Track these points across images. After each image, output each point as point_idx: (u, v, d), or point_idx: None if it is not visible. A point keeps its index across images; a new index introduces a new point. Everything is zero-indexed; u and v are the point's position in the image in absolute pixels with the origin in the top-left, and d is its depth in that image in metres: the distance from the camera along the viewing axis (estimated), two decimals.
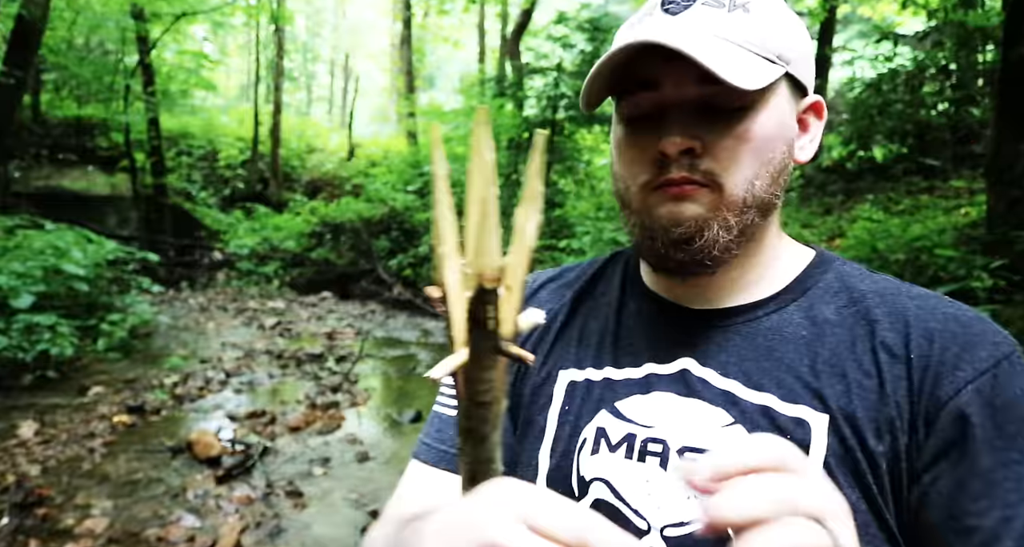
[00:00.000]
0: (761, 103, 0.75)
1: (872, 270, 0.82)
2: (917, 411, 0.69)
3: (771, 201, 0.78)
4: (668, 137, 0.74)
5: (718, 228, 0.75)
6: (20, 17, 8.76)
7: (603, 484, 0.78)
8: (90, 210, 13.25)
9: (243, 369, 7.53)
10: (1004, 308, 4.54)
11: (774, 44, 0.76)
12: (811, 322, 0.77)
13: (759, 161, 0.76)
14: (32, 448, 4.91)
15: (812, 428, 0.70)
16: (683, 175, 0.75)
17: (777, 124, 0.77)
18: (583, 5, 11.78)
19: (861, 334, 0.74)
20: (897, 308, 0.75)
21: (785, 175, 0.80)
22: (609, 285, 0.93)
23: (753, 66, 0.73)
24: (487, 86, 15.01)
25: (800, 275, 0.82)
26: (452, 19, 22.69)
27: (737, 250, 0.77)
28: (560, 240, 9.79)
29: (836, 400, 0.71)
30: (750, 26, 0.75)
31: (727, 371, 0.77)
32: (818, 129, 0.84)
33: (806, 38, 0.81)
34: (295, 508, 4.25)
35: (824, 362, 0.74)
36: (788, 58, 0.77)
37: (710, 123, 0.75)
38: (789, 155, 0.80)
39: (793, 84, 0.79)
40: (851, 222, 7.41)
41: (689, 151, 0.75)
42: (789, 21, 0.79)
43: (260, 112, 19.30)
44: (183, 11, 13.58)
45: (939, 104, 9.08)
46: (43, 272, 6.94)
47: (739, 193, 0.75)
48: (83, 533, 3.77)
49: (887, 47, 9.63)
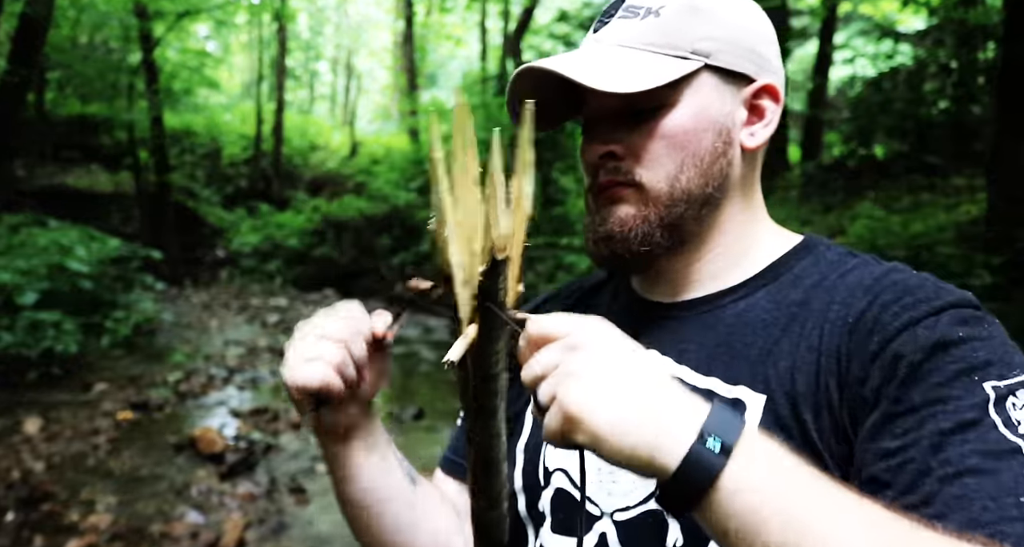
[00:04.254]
0: (677, 100, 0.78)
1: (857, 253, 0.82)
2: (849, 370, 0.68)
3: (703, 193, 0.80)
4: (588, 145, 0.83)
5: (637, 223, 0.80)
6: (25, 16, 8.79)
7: (563, 474, 0.84)
8: (94, 208, 13.26)
9: (246, 366, 7.56)
10: (1004, 305, 4.55)
11: (686, 40, 0.78)
12: (776, 306, 0.78)
13: (681, 156, 0.79)
14: (37, 444, 4.94)
15: (748, 407, 0.73)
16: (608, 179, 0.81)
17: (696, 117, 0.79)
18: (584, 3, 11.79)
19: (817, 311, 0.75)
20: (852, 281, 0.75)
21: (722, 165, 0.80)
22: (606, 290, 0.98)
23: (651, 68, 0.76)
24: (489, 84, 15.01)
25: (776, 261, 0.83)
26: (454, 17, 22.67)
27: (667, 243, 0.80)
28: (561, 237, 9.80)
29: (778, 380, 0.73)
30: (657, 29, 0.78)
31: (681, 358, 0.81)
32: (774, 113, 0.83)
33: (744, 25, 0.81)
34: (298, 504, 4.28)
35: (776, 343, 0.75)
36: (706, 50, 0.78)
37: (629, 126, 0.80)
38: (724, 143, 0.81)
39: (725, 73, 0.80)
40: (852, 219, 7.41)
41: (611, 155, 0.81)
42: (716, 14, 0.79)
43: (263, 110, 19.31)
44: (186, 9, 13.56)
45: (940, 102, 9.08)
46: (47, 270, 6.98)
47: (662, 188, 0.79)
48: (87, 529, 3.80)
49: (888, 45, 9.63)
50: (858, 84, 9.97)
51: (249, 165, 18.87)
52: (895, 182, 8.55)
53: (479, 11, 18.79)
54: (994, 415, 0.61)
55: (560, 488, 0.84)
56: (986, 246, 5.17)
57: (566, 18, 11.75)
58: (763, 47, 0.83)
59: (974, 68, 8.80)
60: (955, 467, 0.60)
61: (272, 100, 20.63)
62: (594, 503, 0.80)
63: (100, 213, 13.22)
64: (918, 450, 0.62)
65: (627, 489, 0.78)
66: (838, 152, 9.89)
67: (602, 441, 0.55)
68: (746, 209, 0.86)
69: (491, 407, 0.69)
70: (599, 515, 0.79)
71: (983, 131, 8.19)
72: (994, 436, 0.60)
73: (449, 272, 0.62)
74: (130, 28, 13.93)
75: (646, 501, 0.76)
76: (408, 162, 16.94)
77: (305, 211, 16.55)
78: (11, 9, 9.25)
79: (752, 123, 0.83)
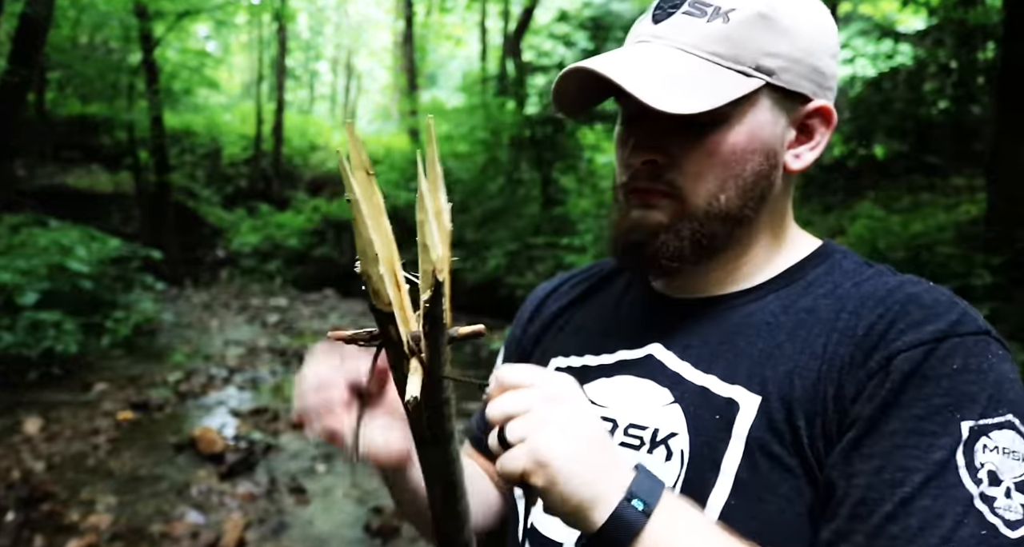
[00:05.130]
0: (733, 117, 0.75)
1: (873, 263, 0.80)
2: (848, 382, 0.68)
3: (740, 213, 0.78)
4: (634, 149, 0.79)
5: (668, 237, 0.78)
6: (25, 16, 8.79)
7: None
8: (94, 208, 13.27)
9: (246, 366, 7.56)
10: (1004, 305, 4.55)
11: (752, 54, 0.74)
12: (784, 311, 0.78)
13: (725, 175, 0.76)
14: (37, 444, 4.94)
15: (741, 408, 0.73)
16: (646, 185, 0.79)
17: (749, 137, 0.76)
18: (585, 3, 11.79)
19: (825, 320, 0.74)
20: (866, 292, 0.74)
21: (763, 187, 0.78)
22: (619, 280, 0.98)
23: (712, 82, 0.72)
24: (489, 84, 15.01)
25: (792, 267, 0.82)
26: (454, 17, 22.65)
27: (694, 258, 0.79)
28: (562, 237, 9.80)
29: (776, 383, 0.72)
30: (723, 36, 0.74)
31: (684, 354, 0.81)
32: (823, 136, 0.80)
33: (813, 40, 0.77)
34: (298, 504, 4.28)
35: (779, 347, 0.74)
36: (770, 68, 0.74)
37: (678, 135, 0.76)
38: (771, 166, 0.78)
39: (784, 93, 0.77)
40: (852, 220, 7.41)
41: (652, 162, 0.78)
42: (786, 26, 0.75)
43: (263, 110, 19.32)
44: (186, 9, 13.57)
45: (939, 102, 9.07)
46: (48, 270, 6.98)
47: (701, 205, 0.77)
48: (87, 529, 3.80)
49: (888, 45, 9.62)
50: (858, 84, 9.96)
51: (249, 165, 18.87)
52: (895, 182, 8.55)
53: (479, 11, 18.78)
54: (960, 458, 0.62)
55: None
56: (986, 246, 5.16)
57: (566, 18, 11.73)
58: (825, 63, 0.79)
59: (974, 68, 8.79)
60: (904, 508, 0.61)
61: (272, 100, 20.63)
62: None
63: (100, 213, 13.24)
64: (879, 480, 0.63)
65: None
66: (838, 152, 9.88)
67: (555, 487, 0.62)
68: (777, 225, 0.84)
69: (447, 433, 0.69)
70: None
71: (983, 131, 8.19)
72: (952, 480, 0.61)
73: (389, 310, 0.61)
74: (130, 28, 13.93)
75: None
76: (408, 162, 16.92)
77: (305, 211, 16.56)
78: (11, 9, 9.25)
79: (800, 144, 0.80)
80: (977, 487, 0.61)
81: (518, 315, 1.07)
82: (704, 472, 0.72)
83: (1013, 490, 0.61)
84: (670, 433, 0.76)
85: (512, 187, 12.79)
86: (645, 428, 0.79)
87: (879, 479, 0.63)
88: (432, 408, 0.66)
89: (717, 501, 0.71)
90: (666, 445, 0.76)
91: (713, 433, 0.73)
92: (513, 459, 0.63)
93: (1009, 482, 0.62)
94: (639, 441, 0.79)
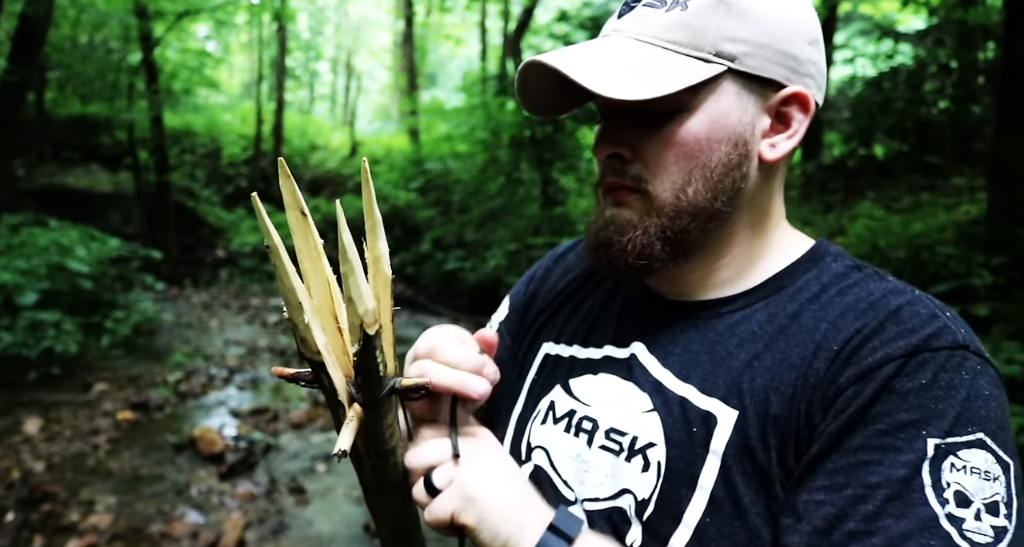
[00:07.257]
0: (693, 104, 0.72)
1: (864, 266, 0.78)
2: (820, 398, 0.67)
3: (711, 207, 0.75)
4: (599, 143, 0.78)
5: (636, 234, 0.76)
6: (25, 15, 8.79)
7: (543, 452, 0.85)
8: (94, 208, 13.26)
9: (246, 366, 7.56)
10: (1004, 305, 4.55)
11: (710, 40, 0.71)
12: (769, 319, 0.75)
13: (690, 166, 0.73)
14: (37, 444, 4.94)
15: (718, 422, 0.71)
16: (614, 180, 0.77)
17: (712, 126, 0.73)
18: (585, 3, 11.79)
19: (807, 328, 0.71)
20: (848, 302, 0.71)
21: (735, 178, 0.75)
22: None
23: (666, 70, 0.70)
24: (489, 84, 15.02)
25: (781, 272, 0.79)
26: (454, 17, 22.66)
27: (667, 256, 0.76)
28: (562, 237, 9.81)
29: (752, 397, 0.70)
30: (681, 23, 0.72)
31: (667, 361, 0.79)
32: (801, 124, 0.76)
33: (781, 24, 0.73)
34: (298, 504, 4.28)
35: (757, 357, 0.72)
36: (732, 53, 0.72)
37: (640, 129, 0.75)
38: (740, 156, 0.75)
39: (751, 79, 0.73)
40: (852, 220, 7.41)
41: (618, 156, 0.76)
42: (749, 10, 0.72)
43: (263, 110, 19.31)
44: (186, 9, 13.57)
45: (940, 102, 9.07)
46: (47, 270, 6.97)
47: (669, 199, 0.74)
48: (87, 529, 3.80)
49: (888, 45, 9.63)
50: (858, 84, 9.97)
51: (249, 165, 18.85)
52: (895, 182, 8.55)
53: (479, 11, 18.79)
54: (926, 475, 0.61)
55: (538, 465, 0.84)
56: (986, 246, 5.16)
57: (566, 18, 11.73)
58: (800, 48, 0.74)
59: (974, 68, 8.80)
60: (867, 526, 0.61)
61: (272, 100, 20.63)
62: (570, 488, 0.80)
63: (100, 213, 13.22)
64: (841, 497, 0.63)
65: (598, 481, 0.78)
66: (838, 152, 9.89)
67: (484, 523, 0.67)
68: (759, 222, 0.80)
69: (395, 480, 0.69)
70: (573, 500, 0.80)
71: (983, 131, 8.20)
72: (916, 499, 0.60)
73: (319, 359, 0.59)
74: (130, 28, 13.95)
75: (615, 498, 0.76)
76: (408, 162, 16.95)
77: None
78: (11, 9, 9.26)
79: (775, 133, 0.76)
80: (943, 508, 0.59)
81: (532, 271, 1.06)
82: (680, 487, 0.71)
83: (983, 512, 0.60)
84: (648, 443, 0.75)
85: (512, 187, 12.79)
86: (625, 434, 0.77)
87: (841, 496, 0.62)
88: (375, 456, 0.65)
89: (692, 517, 0.70)
90: (644, 455, 0.75)
91: (690, 448, 0.72)
92: (442, 503, 0.68)
93: (979, 503, 0.60)
94: (618, 447, 0.77)
